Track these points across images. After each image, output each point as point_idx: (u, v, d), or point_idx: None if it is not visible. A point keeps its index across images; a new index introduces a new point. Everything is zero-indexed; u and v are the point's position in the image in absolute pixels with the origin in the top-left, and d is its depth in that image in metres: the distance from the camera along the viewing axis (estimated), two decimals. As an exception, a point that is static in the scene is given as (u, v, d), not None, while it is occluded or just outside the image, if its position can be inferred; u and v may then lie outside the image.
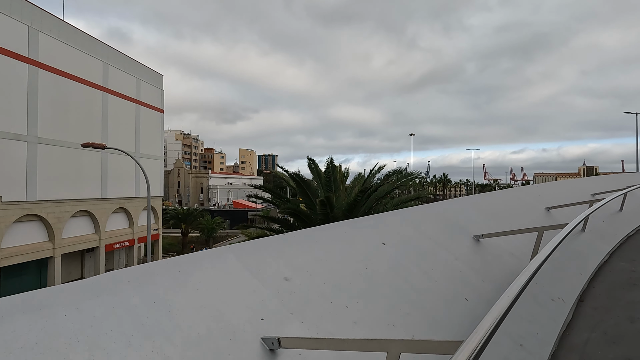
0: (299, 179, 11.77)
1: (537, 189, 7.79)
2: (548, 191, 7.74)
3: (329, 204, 10.11)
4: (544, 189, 7.99)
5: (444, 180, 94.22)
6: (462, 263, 3.61)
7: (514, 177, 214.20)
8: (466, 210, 4.87)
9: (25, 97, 25.54)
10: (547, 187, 8.24)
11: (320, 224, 11.19)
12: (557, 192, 7.97)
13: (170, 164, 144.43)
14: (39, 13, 26.70)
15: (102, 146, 17.15)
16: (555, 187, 8.34)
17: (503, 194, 6.58)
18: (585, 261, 5.11)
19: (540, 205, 6.72)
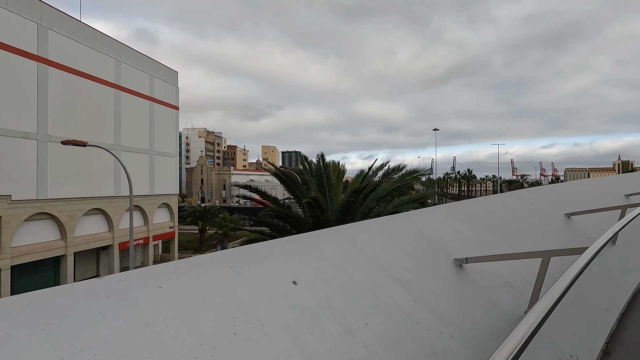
0: (284, 177, 10.67)
1: (556, 189, 6.43)
2: (570, 192, 6.40)
3: (317, 206, 9.01)
4: (565, 189, 6.63)
5: (468, 176, 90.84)
6: (446, 293, 2.59)
7: (543, 173, 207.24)
8: (449, 224, 3.67)
9: (34, 95, 25.44)
10: (568, 187, 6.86)
11: (311, 228, 10.09)
12: (581, 193, 6.61)
13: (194, 161, 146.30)
14: (48, 10, 26.55)
15: (83, 143, 16.54)
16: (580, 187, 6.95)
17: (509, 198, 5.31)
18: (615, 287, 3.84)
19: (558, 210, 5.42)
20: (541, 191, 5.92)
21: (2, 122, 23.47)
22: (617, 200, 6.24)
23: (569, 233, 4.97)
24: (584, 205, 5.80)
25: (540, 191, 5.91)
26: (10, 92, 23.92)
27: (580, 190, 6.72)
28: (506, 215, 4.55)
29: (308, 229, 9.98)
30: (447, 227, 3.47)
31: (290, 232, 9.83)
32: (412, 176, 11.56)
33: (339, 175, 11.34)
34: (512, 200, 5.25)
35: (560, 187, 6.71)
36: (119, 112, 33.06)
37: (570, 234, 4.98)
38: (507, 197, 5.38)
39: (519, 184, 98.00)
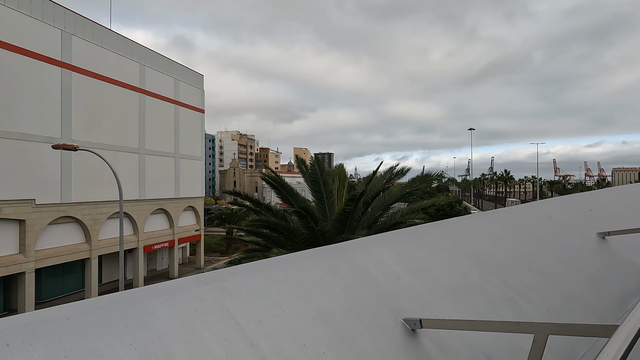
0: (274, 181, 9.68)
1: (587, 199, 5.05)
2: (606, 203, 5.06)
3: (309, 216, 7.98)
4: (599, 198, 5.24)
5: (505, 177, 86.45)
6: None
7: (589, 173, 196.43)
8: (401, 260, 2.50)
9: (58, 100, 25.82)
10: (605, 196, 5.44)
11: (306, 239, 9.09)
12: (623, 204, 5.24)
13: (227, 164, 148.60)
14: (72, 17, 26.94)
15: (74, 147, 16.20)
16: (620, 195, 5.55)
17: (518, 212, 4.07)
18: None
19: (588, 228, 4.17)
20: (566, 202, 4.62)
21: (26, 127, 23.89)
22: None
23: (602, 263, 3.71)
24: (626, 221, 4.49)
25: (564, 202, 4.61)
26: (34, 98, 24.34)
27: (621, 199, 5.33)
28: (508, 239, 3.36)
29: (303, 240, 9.01)
30: (396, 266, 2.33)
31: (286, 244, 8.87)
32: (425, 181, 10.28)
33: (342, 179, 10.23)
34: (523, 215, 4.02)
35: (594, 196, 5.32)
36: (143, 116, 33.29)
37: (605, 264, 3.72)
38: (516, 211, 4.14)
39: (560, 184, 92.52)
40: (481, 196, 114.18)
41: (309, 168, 10.11)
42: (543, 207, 4.16)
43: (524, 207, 4.22)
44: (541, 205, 4.30)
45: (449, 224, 3.30)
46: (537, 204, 4.37)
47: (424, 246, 2.65)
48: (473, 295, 2.32)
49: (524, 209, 4.16)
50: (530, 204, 4.41)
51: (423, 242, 2.74)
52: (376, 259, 2.25)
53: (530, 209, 4.15)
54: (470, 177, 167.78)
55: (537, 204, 4.37)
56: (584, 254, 3.69)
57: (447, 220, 3.43)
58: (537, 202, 4.42)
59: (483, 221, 3.67)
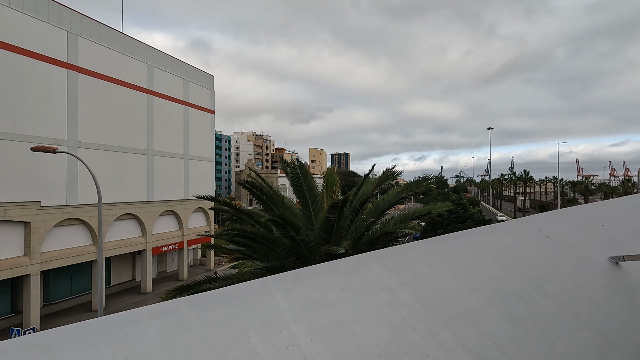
0: (252, 187, 8.91)
1: (598, 210, 4.10)
2: (622, 216, 4.15)
3: (288, 224, 7.21)
4: (613, 209, 4.29)
5: (524, 177, 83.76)
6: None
7: (614, 173, 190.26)
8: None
9: (64, 102, 25.74)
10: (619, 207, 4.46)
11: (288, 250, 8.33)
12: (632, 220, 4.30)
13: (243, 164, 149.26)
14: (78, 18, 26.85)
15: (53, 150, 15.78)
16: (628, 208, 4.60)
17: (506, 230, 3.21)
18: None
19: (598, 251, 3.26)
20: (571, 216, 3.70)
21: (32, 129, 23.83)
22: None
23: (614, 300, 2.83)
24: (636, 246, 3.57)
25: (568, 216, 3.69)
26: (39, 100, 24.27)
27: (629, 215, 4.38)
28: (485, 270, 2.54)
29: (286, 251, 8.26)
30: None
31: (269, 254, 8.11)
32: (423, 184, 9.35)
33: (332, 183, 9.38)
34: (510, 234, 3.16)
35: (609, 207, 4.34)
36: (151, 117, 33.12)
37: (618, 301, 2.84)
38: (504, 229, 3.28)
39: (583, 185, 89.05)
40: (500, 197, 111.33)
41: (289, 171, 9.34)
42: (539, 223, 3.30)
43: (512, 224, 3.37)
44: (536, 221, 3.43)
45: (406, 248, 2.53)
46: (531, 219, 3.48)
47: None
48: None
49: (513, 226, 3.30)
50: (522, 220, 3.53)
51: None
52: None
53: (520, 226, 3.30)
54: (489, 177, 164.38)
55: (531, 219, 3.48)
56: (590, 287, 2.81)
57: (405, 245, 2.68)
58: (532, 216, 3.54)
59: (474, 235, 2.87)
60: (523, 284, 2.47)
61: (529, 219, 3.59)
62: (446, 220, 33.53)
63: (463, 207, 34.09)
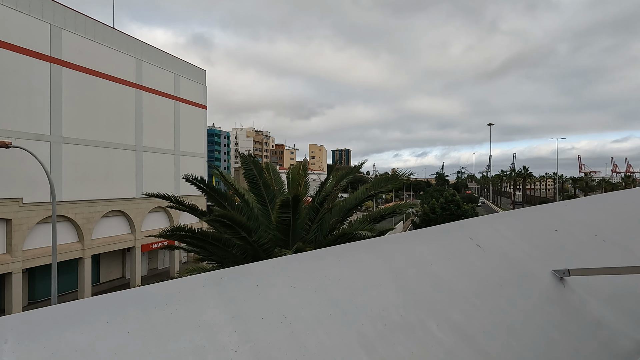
0: (202, 184, 8.37)
1: (552, 212, 3.49)
2: (581, 218, 3.56)
3: (236, 224, 6.64)
4: (573, 211, 3.68)
5: (524, 174, 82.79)
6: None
7: (616, 169, 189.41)
8: None
9: (47, 96, 25.17)
10: (584, 208, 3.83)
11: (242, 252, 7.76)
12: (605, 217, 3.72)
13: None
14: (62, 10, 26.23)
15: (5, 144, 15.21)
16: (610, 204, 3.99)
17: (415, 239, 2.61)
18: None
19: (542, 264, 2.65)
20: (518, 218, 3.12)
21: (13, 124, 23.29)
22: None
23: (555, 323, 2.26)
24: (607, 249, 3.01)
25: (515, 218, 3.10)
26: (21, 94, 23.71)
27: (608, 212, 3.78)
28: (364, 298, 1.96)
29: (241, 252, 7.70)
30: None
31: (225, 256, 7.53)
32: (392, 181, 8.74)
33: (295, 180, 8.78)
34: (426, 244, 2.55)
35: (570, 208, 3.74)
36: (140, 112, 32.53)
37: (559, 324, 2.27)
38: (421, 237, 2.67)
39: (583, 182, 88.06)
40: (500, 193, 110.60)
41: (243, 167, 8.71)
42: (466, 228, 2.70)
43: (437, 231, 2.77)
44: (467, 226, 2.83)
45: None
46: (463, 224, 2.88)
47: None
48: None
49: (434, 234, 2.71)
50: (455, 224, 2.93)
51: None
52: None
53: (445, 233, 2.70)
54: (490, 173, 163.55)
55: (462, 224, 2.88)
56: (524, 310, 2.24)
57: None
58: (464, 221, 2.95)
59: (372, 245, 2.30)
60: (419, 311, 1.91)
61: (460, 224, 2.99)
62: (440, 217, 32.95)
63: (456, 204, 33.34)
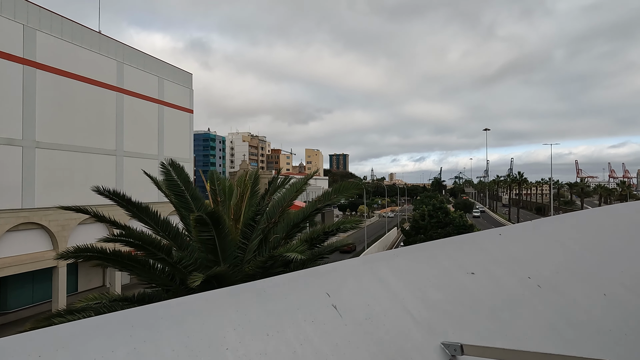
0: (114, 195, 7.54)
1: (458, 244, 2.70)
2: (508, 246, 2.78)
3: (148, 244, 5.77)
4: (493, 244, 2.86)
5: (518, 179, 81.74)
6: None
7: (613, 175, 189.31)
8: None
9: (20, 99, 24.31)
10: (506, 239, 2.99)
11: (170, 276, 6.87)
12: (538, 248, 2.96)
13: (237, 165, 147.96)
14: (37, 11, 25.43)
15: None
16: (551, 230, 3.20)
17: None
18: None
19: (428, 337, 1.83)
20: (406, 257, 2.33)
21: (-19, 128, 22.41)
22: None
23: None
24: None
25: (402, 257, 2.31)
26: (-9, 97, 22.85)
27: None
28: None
29: (164, 275, 6.83)
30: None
31: (156, 281, 6.61)
32: (342, 191, 7.84)
33: (231, 193, 7.87)
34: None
35: (503, 237, 2.91)
36: (121, 116, 31.68)
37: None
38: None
39: (577, 188, 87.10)
40: (496, 198, 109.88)
41: (164, 177, 7.87)
42: (324, 278, 1.91)
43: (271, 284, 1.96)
44: (321, 276, 2.02)
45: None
46: (318, 272, 2.06)
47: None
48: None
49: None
50: (301, 274, 2.13)
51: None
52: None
53: (293, 285, 1.91)
54: (487, 178, 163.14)
55: (319, 271, 2.06)
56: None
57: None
58: (315, 270, 2.10)
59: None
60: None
61: (314, 273, 2.15)
62: (428, 224, 32.01)
63: (444, 211, 32.30)
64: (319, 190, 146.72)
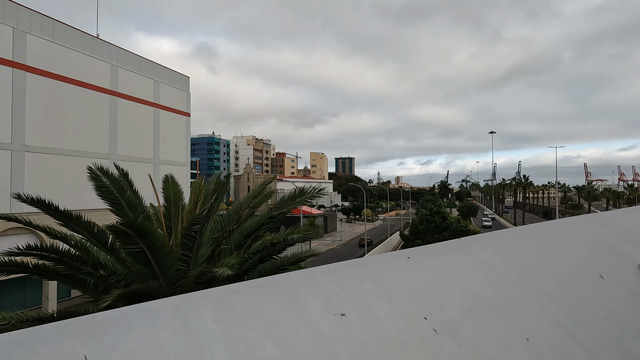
0: (39, 203, 7.04)
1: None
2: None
3: (69, 257, 5.23)
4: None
5: (524, 183, 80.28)
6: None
7: (622, 178, 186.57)
8: None
9: (9, 103, 24.06)
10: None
11: (100, 291, 6.32)
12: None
13: (242, 169, 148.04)
14: (27, 13, 25.23)
15: None
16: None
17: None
18: None
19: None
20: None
21: (-32, 131, 22.17)
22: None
23: None
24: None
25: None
26: (-21, 100, 22.63)
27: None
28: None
29: (100, 291, 6.30)
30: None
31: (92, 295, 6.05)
32: (298, 199, 7.29)
33: (177, 201, 7.36)
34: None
35: (441, 267, 2.38)
36: (115, 119, 31.40)
37: None
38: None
39: (585, 191, 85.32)
40: (502, 202, 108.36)
41: (95, 182, 7.39)
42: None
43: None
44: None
45: None
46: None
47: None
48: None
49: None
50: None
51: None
52: None
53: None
54: (493, 182, 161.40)
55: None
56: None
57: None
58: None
59: None
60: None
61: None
62: (425, 229, 31.25)
63: (441, 216, 31.40)
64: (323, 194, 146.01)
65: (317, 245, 55.98)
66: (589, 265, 2.74)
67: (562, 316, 2.17)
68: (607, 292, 2.49)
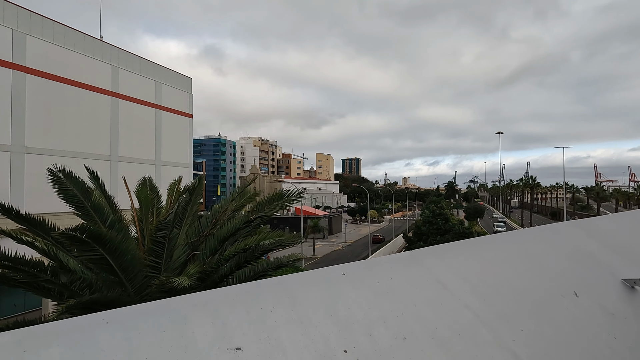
0: (5, 211, 6.75)
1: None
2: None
3: (27, 266, 4.93)
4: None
5: (530, 183, 79.08)
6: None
7: (633, 178, 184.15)
8: None
9: (8, 104, 24.06)
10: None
11: (66, 299, 6.03)
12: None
13: (248, 170, 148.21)
14: (27, 15, 25.25)
15: None
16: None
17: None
18: None
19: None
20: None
21: (-33, 133, 22.18)
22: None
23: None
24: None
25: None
26: (-22, 102, 22.64)
27: None
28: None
29: (61, 297, 6.04)
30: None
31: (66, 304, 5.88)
32: (276, 202, 6.94)
33: (148, 205, 7.12)
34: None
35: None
36: (116, 121, 31.35)
37: None
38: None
39: (593, 192, 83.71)
40: (508, 203, 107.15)
41: (58, 186, 7.12)
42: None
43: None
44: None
45: None
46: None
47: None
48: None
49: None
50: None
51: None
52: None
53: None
54: (500, 182, 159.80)
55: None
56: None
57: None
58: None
59: None
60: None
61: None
62: (428, 231, 30.75)
63: (444, 218, 30.82)
64: (329, 195, 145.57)
65: (320, 247, 55.65)
66: (562, 281, 2.37)
67: (520, 345, 1.82)
68: (580, 313, 2.13)
